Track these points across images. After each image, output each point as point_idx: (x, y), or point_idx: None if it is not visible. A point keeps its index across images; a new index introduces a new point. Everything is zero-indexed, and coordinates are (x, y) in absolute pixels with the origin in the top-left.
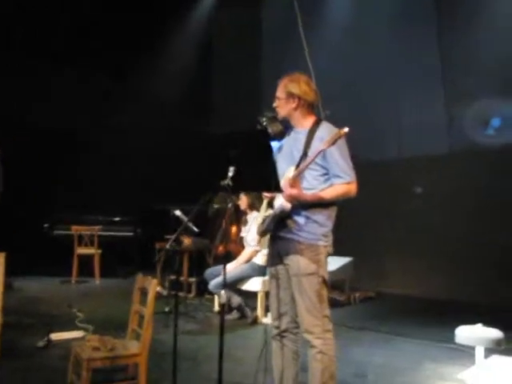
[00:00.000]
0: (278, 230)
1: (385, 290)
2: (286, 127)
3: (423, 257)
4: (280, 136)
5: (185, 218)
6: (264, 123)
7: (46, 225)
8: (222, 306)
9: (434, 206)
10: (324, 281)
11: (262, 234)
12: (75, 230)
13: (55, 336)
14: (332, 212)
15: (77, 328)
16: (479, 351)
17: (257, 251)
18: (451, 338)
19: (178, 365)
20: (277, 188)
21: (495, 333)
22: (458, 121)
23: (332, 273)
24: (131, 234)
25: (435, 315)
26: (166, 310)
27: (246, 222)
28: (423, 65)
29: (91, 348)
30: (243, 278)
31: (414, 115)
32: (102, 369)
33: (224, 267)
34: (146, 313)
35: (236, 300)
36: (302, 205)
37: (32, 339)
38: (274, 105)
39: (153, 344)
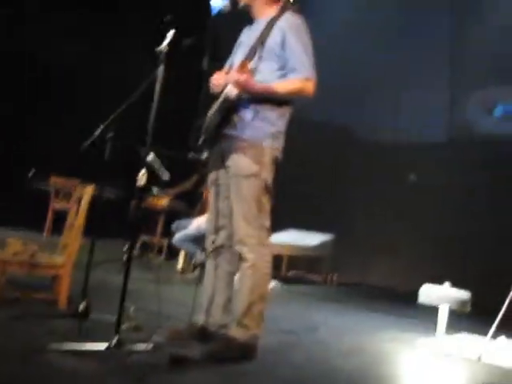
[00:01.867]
0: (221, 126)
1: (368, 279)
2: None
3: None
4: None
5: (157, 164)
6: None
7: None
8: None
9: (426, 195)
10: (266, 187)
11: (205, 131)
12: (53, 182)
13: None
14: (285, 111)
15: None
16: (443, 311)
17: None
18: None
19: (108, 297)
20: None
21: (463, 293)
22: (460, 106)
23: (309, 248)
24: (112, 196)
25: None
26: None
27: None
28: (430, 43)
29: (12, 253)
30: None
31: (414, 96)
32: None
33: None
34: (76, 223)
35: (200, 257)
36: (251, 98)
37: None
38: None
39: (100, 284)
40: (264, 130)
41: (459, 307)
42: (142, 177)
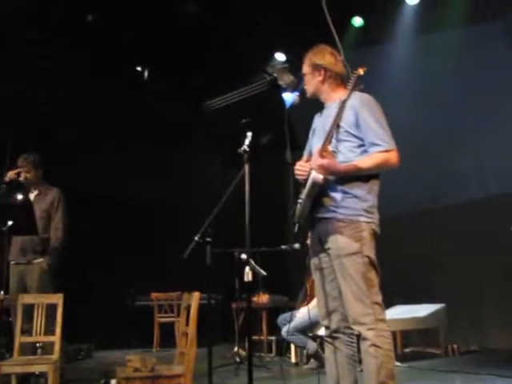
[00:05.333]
0: (315, 210)
1: (491, 344)
2: (300, 79)
3: None
4: (293, 87)
5: (252, 262)
6: (274, 74)
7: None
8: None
9: None
10: (371, 262)
11: (299, 219)
12: (155, 297)
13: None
14: (374, 185)
15: None
16: None
17: None
18: None
19: None
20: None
21: None
22: None
23: (422, 319)
24: (213, 301)
25: None
26: (237, 359)
27: None
28: (504, 97)
29: (132, 369)
30: (317, 323)
31: (497, 153)
32: None
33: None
34: (189, 330)
35: (312, 346)
36: (337, 179)
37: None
38: (302, 84)
39: None
40: (356, 207)
41: None
42: (248, 273)
